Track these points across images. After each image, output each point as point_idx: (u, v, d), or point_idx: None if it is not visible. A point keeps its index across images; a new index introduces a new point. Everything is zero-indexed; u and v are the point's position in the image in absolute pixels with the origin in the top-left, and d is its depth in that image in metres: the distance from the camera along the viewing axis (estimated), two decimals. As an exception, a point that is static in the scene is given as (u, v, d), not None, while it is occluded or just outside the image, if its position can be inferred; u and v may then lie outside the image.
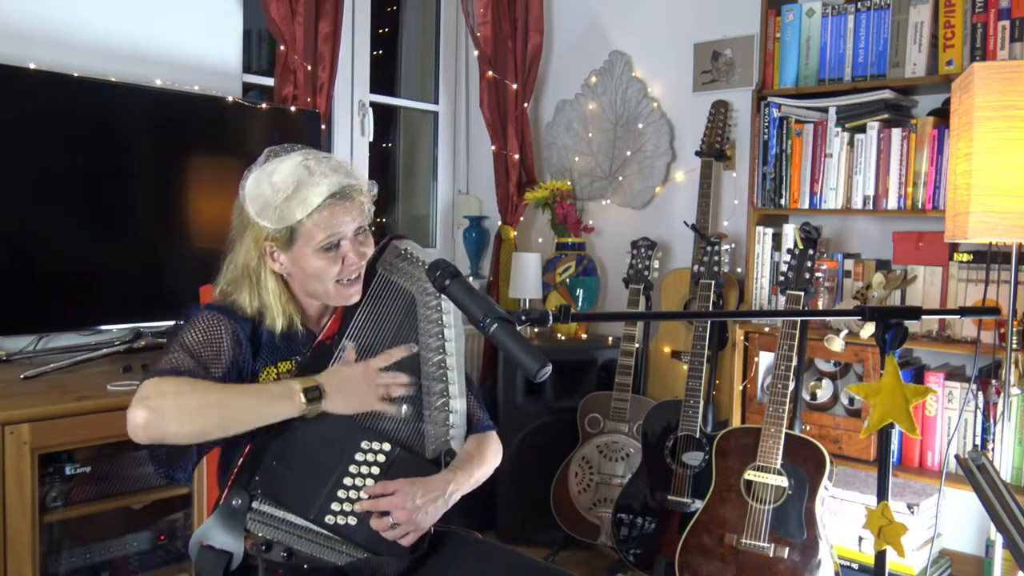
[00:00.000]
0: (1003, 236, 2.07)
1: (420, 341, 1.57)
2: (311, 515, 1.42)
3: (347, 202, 1.48)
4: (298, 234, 1.47)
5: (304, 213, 1.45)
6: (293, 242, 1.48)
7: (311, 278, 1.50)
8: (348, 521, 1.43)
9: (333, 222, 1.46)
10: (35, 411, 1.93)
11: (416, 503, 1.44)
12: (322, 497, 1.43)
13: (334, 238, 1.47)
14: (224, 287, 1.54)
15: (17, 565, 1.91)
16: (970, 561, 2.65)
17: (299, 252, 1.48)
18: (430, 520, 1.47)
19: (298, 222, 1.45)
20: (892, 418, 1.41)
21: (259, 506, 1.42)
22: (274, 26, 2.83)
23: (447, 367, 1.57)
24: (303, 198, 1.45)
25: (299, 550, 1.42)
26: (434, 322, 1.58)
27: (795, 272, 2.45)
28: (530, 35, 3.53)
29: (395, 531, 1.43)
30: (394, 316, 1.58)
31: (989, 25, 2.45)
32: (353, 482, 1.45)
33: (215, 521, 1.42)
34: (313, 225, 1.46)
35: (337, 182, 1.47)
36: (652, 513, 2.68)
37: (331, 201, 1.46)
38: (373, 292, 1.58)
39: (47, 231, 2.33)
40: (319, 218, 1.45)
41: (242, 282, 1.52)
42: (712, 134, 3.06)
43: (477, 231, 3.73)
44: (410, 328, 1.57)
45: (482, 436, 1.64)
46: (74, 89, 2.34)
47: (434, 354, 1.57)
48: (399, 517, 1.43)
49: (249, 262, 1.51)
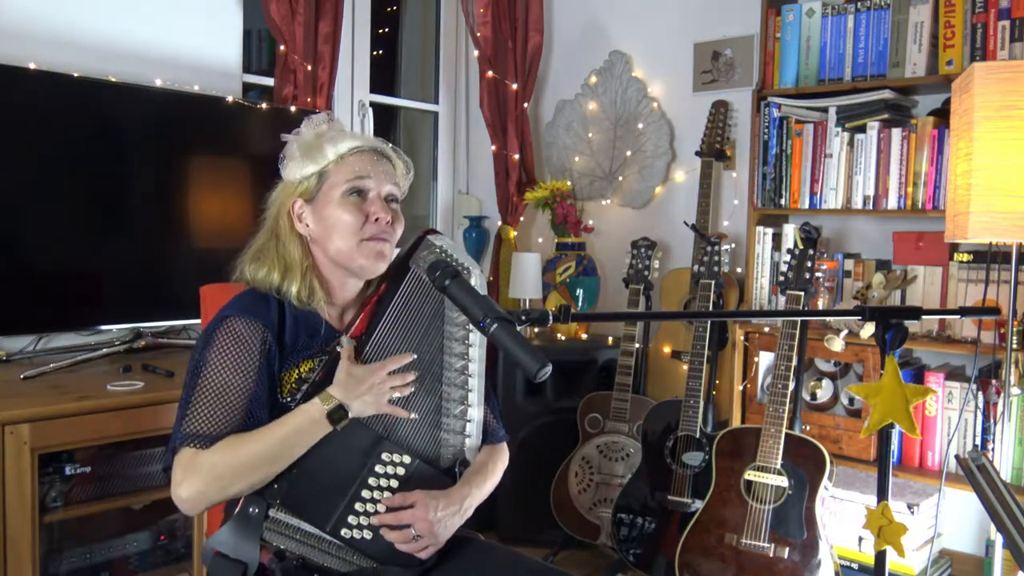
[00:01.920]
0: (1003, 236, 2.07)
1: (445, 345, 1.51)
2: (328, 527, 1.39)
3: (379, 158, 1.50)
4: (324, 180, 1.47)
5: (335, 153, 1.46)
6: (319, 191, 1.47)
7: (334, 234, 1.46)
8: (364, 535, 1.40)
9: (359, 167, 1.47)
10: (35, 411, 1.93)
11: (437, 515, 1.41)
12: (340, 509, 1.40)
13: (359, 183, 1.46)
14: (248, 266, 1.50)
15: (17, 565, 1.91)
16: (970, 561, 2.65)
17: (324, 200, 1.46)
18: (448, 533, 1.45)
19: (326, 166, 1.46)
20: (892, 418, 1.41)
21: (276, 515, 1.39)
22: (274, 26, 2.83)
23: (469, 374, 1.52)
24: (333, 141, 1.47)
25: (310, 559, 1.40)
26: (460, 326, 1.51)
27: (795, 272, 2.45)
28: (530, 35, 3.53)
29: (415, 544, 1.41)
30: (422, 318, 1.51)
31: (989, 25, 2.45)
32: (371, 495, 1.42)
33: (230, 529, 1.39)
34: (341, 167, 1.47)
35: (370, 142, 1.50)
36: (652, 513, 2.68)
37: (362, 151, 1.48)
38: (404, 291, 1.50)
39: (47, 231, 2.33)
40: (349, 160, 1.47)
41: (267, 248, 1.50)
42: (712, 134, 3.06)
43: (477, 231, 3.73)
44: (436, 331, 1.51)
45: (493, 448, 1.61)
46: (74, 89, 2.34)
47: (457, 359, 1.52)
48: (421, 529, 1.40)
49: (276, 222, 1.50)
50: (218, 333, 1.41)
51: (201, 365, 1.39)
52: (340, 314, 1.54)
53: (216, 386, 1.37)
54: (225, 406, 1.36)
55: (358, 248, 1.46)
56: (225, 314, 1.43)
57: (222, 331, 1.41)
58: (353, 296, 1.55)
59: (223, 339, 1.40)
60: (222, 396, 1.37)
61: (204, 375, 1.38)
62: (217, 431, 1.35)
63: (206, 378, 1.38)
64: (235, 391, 1.38)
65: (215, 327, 1.42)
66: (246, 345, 1.40)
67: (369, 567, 1.41)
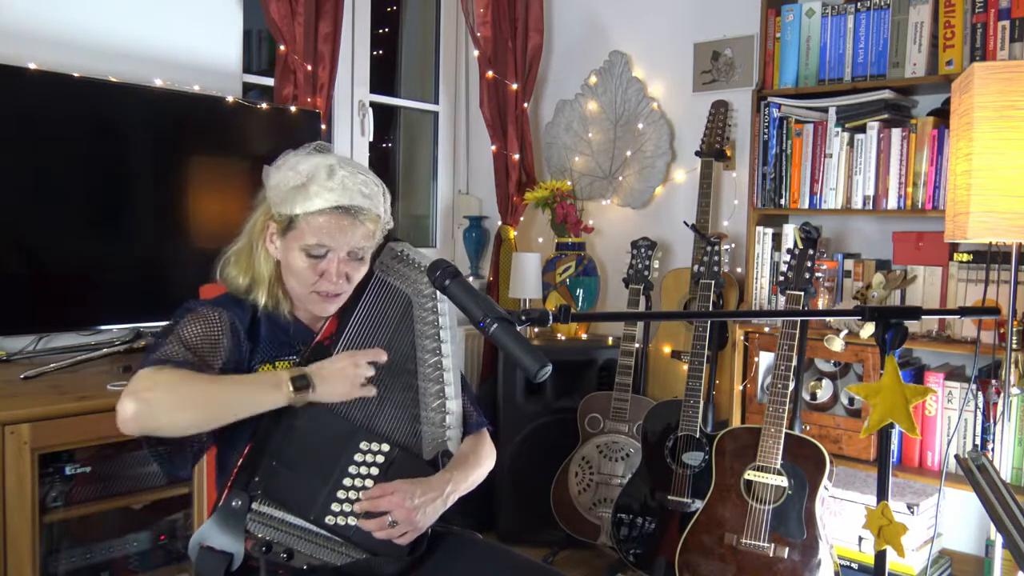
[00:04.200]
0: (1003, 236, 2.08)
1: (416, 343, 1.57)
2: (311, 515, 1.42)
3: (351, 219, 1.47)
4: (294, 227, 1.47)
5: (302, 210, 1.45)
6: (288, 232, 1.48)
7: (291, 274, 1.50)
8: (348, 522, 1.43)
9: (326, 231, 1.45)
10: (35, 411, 1.93)
11: (415, 502, 1.44)
12: (322, 497, 1.43)
13: (321, 249, 1.47)
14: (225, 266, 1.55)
15: (17, 565, 1.91)
16: (970, 561, 2.65)
17: (289, 244, 1.49)
18: (428, 520, 1.47)
19: (295, 216, 1.46)
20: (892, 418, 1.41)
21: (259, 507, 1.42)
22: (274, 26, 2.83)
23: (443, 368, 1.57)
24: (308, 195, 1.44)
25: (299, 550, 1.42)
26: (430, 324, 1.58)
27: (795, 272, 2.45)
28: (530, 35, 3.53)
29: (392, 530, 1.43)
30: (391, 318, 1.57)
31: (989, 25, 2.45)
32: (353, 482, 1.45)
33: (215, 522, 1.41)
34: (307, 225, 1.46)
35: (349, 198, 1.45)
36: (652, 513, 2.68)
37: (333, 211, 1.45)
38: (370, 294, 1.57)
39: (47, 231, 2.33)
40: (316, 222, 1.45)
41: (242, 252, 1.54)
42: (712, 134, 3.06)
43: (477, 231, 3.73)
44: (407, 330, 1.58)
45: (477, 436, 1.64)
46: (74, 89, 2.34)
47: (430, 355, 1.57)
48: (398, 516, 1.43)
49: (253, 232, 1.53)
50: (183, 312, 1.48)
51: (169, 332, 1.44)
52: (314, 317, 1.57)
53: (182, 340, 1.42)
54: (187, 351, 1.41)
55: (308, 296, 1.51)
56: (191, 305, 1.50)
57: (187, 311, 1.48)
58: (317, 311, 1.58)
59: (194, 315, 1.47)
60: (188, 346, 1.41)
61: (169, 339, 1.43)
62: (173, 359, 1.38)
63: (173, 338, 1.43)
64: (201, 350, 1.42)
65: (187, 308, 1.49)
66: (211, 321, 1.46)
67: (361, 559, 1.43)
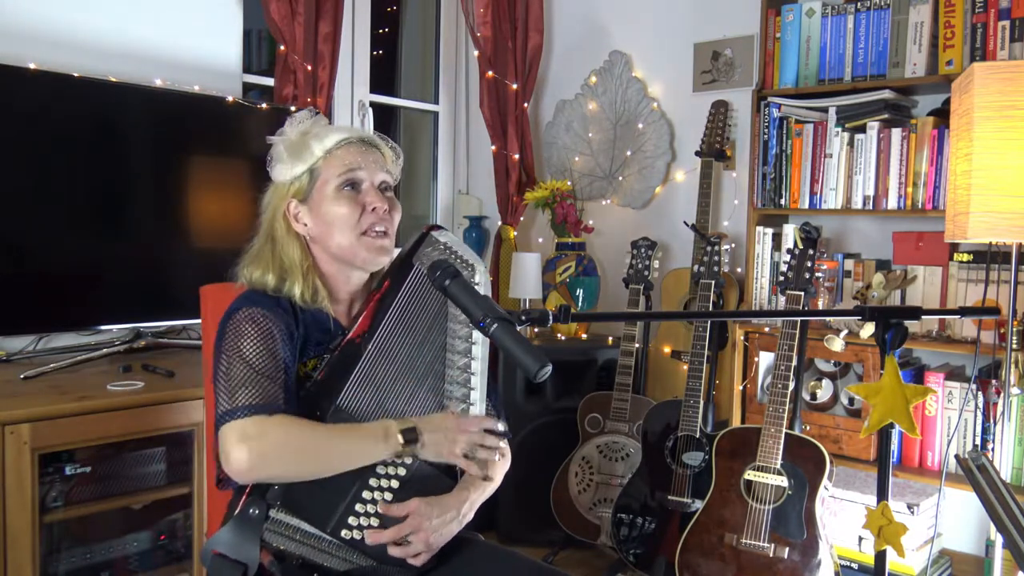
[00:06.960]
0: (1003, 236, 2.08)
1: (448, 344, 1.51)
2: (329, 527, 1.39)
3: (367, 147, 1.48)
4: (316, 177, 1.46)
5: (322, 149, 1.45)
6: (312, 188, 1.46)
7: (333, 230, 1.46)
8: (365, 536, 1.40)
9: (349, 160, 1.46)
10: (35, 411, 1.93)
11: (433, 523, 1.41)
12: (341, 509, 1.40)
13: (351, 175, 1.46)
14: (246, 268, 1.49)
15: (17, 565, 1.91)
16: (970, 561, 2.65)
17: (318, 198, 1.46)
18: (444, 540, 1.44)
19: (315, 163, 1.45)
20: (892, 418, 1.41)
21: (276, 515, 1.39)
22: (274, 26, 2.83)
23: (472, 372, 1.51)
24: (321, 136, 1.46)
25: (310, 559, 1.40)
26: (464, 323, 1.50)
27: (795, 272, 2.45)
28: (530, 35, 3.53)
29: (408, 548, 1.40)
30: (426, 317, 1.50)
31: (989, 25, 2.45)
32: (372, 495, 1.41)
33: (230, 530, 1.38)
34: (330, 162, 1.45)
35: (356, 132, 1.48)
36: (652, 513, 2.68)
37: (350, 143, 1.47)
38: (408, 289, 1.50)
39: (47, 231, 2.33)
40: (337, 153, 1.46)
41: (263, 252, 1.49)
42: (712, 134, 3.06)
43: (477, 231, 3.73)
44: (440, 331, 1.51)
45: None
46: (74, 89, 2.34)
47: (460, 357, 1.51)
48: (415, 539, 1.40)
49: (272, 223, 1.50)
50: (238, 318, 1.39)
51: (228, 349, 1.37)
52: (348, 309, 1.55)
53: (251, 362, 1.34)
54: (267, 380, 1.34)
55: (359, 242, 1.47)
56: (238, 306, 1.42)
57: (241, 317, 1.39)
58: (359, 288, 1.55)
59: (245, 325, 1.38)
60: (261, 372, 1.34)
61: (237, 355, 1.35)
62: (272, 402, 1.32)
63: (239, 357, 1.35)
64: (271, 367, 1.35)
65: (232, 315, 1.40)
66: (266, 329, 1.39)
67: (368, 566, 1.42)
